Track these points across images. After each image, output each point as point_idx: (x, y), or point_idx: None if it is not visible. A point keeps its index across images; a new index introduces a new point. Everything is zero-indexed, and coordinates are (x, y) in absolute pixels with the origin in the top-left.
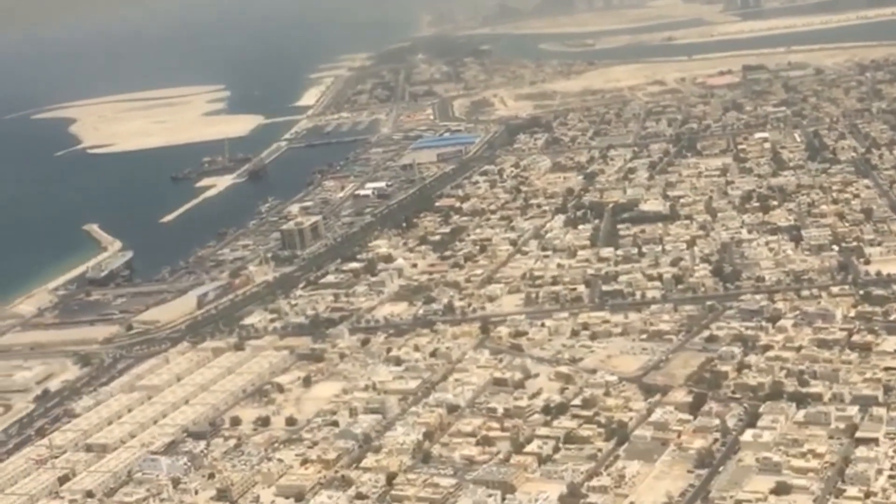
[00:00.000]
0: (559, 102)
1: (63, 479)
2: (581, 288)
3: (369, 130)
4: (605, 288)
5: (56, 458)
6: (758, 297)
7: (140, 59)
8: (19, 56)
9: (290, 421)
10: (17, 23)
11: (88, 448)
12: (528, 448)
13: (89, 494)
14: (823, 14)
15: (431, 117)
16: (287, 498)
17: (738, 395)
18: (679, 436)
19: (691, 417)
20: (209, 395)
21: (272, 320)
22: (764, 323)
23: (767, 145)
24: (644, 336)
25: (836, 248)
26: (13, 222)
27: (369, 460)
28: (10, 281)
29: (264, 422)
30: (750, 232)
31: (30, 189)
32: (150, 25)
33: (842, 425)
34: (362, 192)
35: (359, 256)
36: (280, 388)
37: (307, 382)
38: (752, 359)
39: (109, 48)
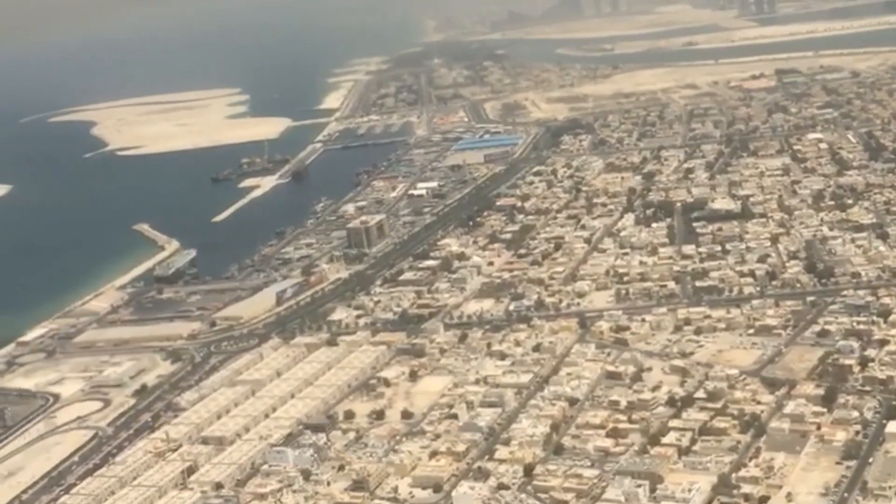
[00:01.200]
0: (594, 105)
1: (189, 471)
2: (671, 284)
3: (403, 133)
4: (698, 284)
5: (174, 450)
6: (860, 292)
7: (154, 64)
8: (32, 61)
9: (406, 414)
10: (30, 30)
11: (205, 441)
12: (665, 440)
13: (218, 486)
14: (839, 20)
15: (466, 119)
16: (424, 489)
17: (868, 389)
18: (819, 428)
19: (825, 410)
20: (315, 389)
21: (358, 316)
22: (875, 318)
23: (824, 146)
24: (751, 331)
25: None
26: (62, 222)
27: (502, 452)
28: (73, 279)
29: (379, 415)
30: (831, 229)
31: (68, 190)
32: (162, 32)
33: None
34: (416, 192)
35: (432, 254)
36: (386, 383)
37: (413, 377)
38: (871, 353)
39: (123, 54)
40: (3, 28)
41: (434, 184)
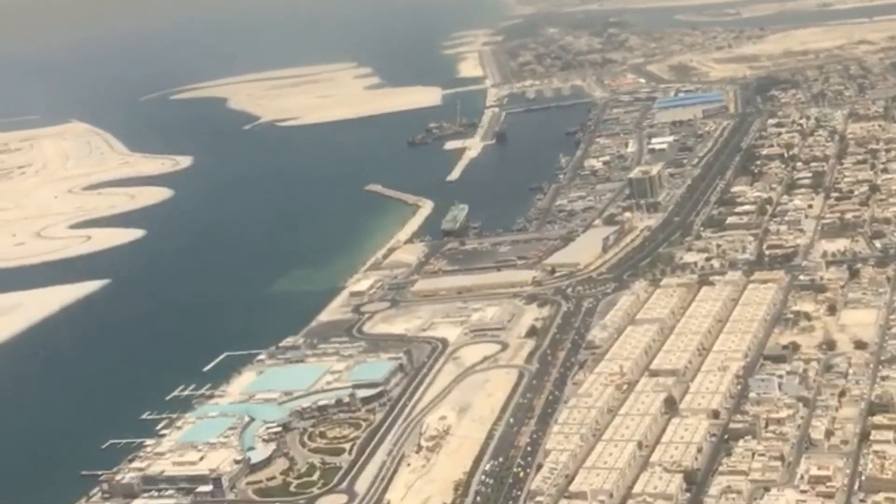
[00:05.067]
0: (773, 64)
1: (669, 401)
2: None
3: (577, 96)
4: None
5: (627, 383)
6: None
7: (263, 42)
8: (140, 42)
9: (860, 344)
10: (140, 10)
11: (654, 373)
12: None
13: (716, 413)
14: None
15: (642, 81)
16: None
17: None
18: None
19: None
20: (735, 325)
21: (707, 259)
22: None
23: None
24: None
25: None
26: (287, 187)
27: None
28: (347, 235)
29: (829, 345)
30: None
31: (256, 159)
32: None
33: None
34: (657, 147)
35: (738, 200)
36: (807, 317)
37: (832, 310)
38: None
39: (231, 33)
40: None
41: (669, 138)
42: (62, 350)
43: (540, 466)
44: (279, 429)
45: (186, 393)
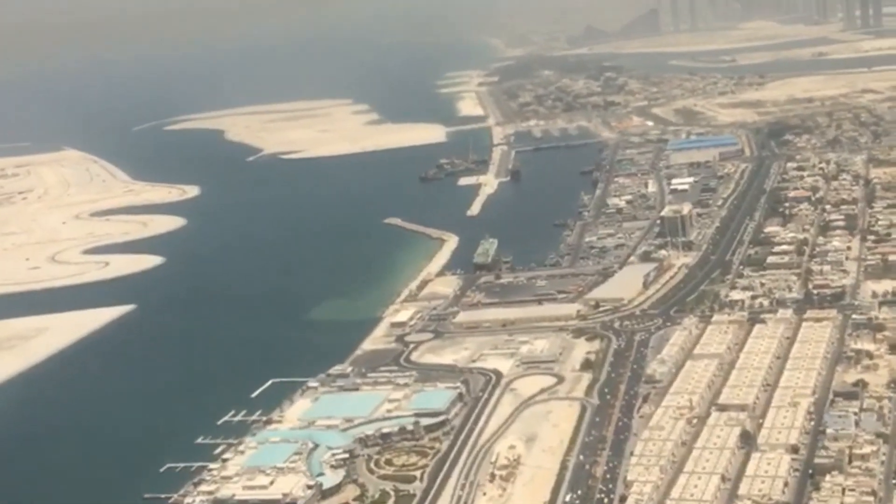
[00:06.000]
0: (779, 110)
1: (745, 435)
2: None
3: (584, 135)
4: None
5: (697, 416)
6: None
7: (249, 76)
8: (131, 74)
9: None
10: (127, 44)
11: (722, 408)
12: None
13: (794, 448)
14: None
15: (649, 123)
16: None
17: None
18: None
19: None
20: (797, 361)
21: (753, 297)
22: None
23: None
24: None
25: None
26: (301, 220)
27: None
28: (376, 268)
29: None
30: None
31: (266, 191)
32: (253, 48)
33: None
34: (679, 187)
35: (774, 240)
36: (869, 355)
37: (893, 349)
38: None
39: (219, 66)
40: (102, 42)
41: (689, 179)
42: (100, 374)
43: (623, 498)
44: (346, 455)
45: (238, 418)
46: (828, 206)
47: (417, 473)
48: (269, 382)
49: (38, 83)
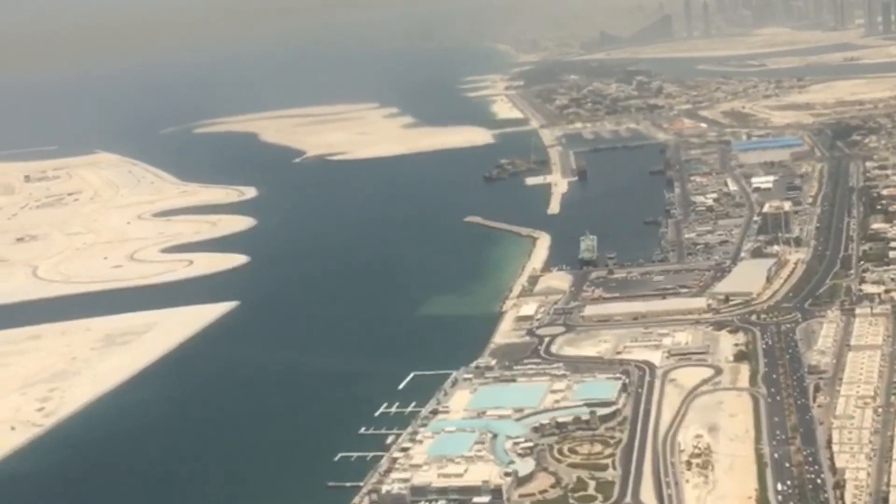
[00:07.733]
0: (832, 112)
1: None
2: None
3: (637, 137)
4: None
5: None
6: None
7: (274, 81)
8: (153, 79)
9: None
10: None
11: None
12: None
13: None
14: None
15: (702, 125)
16: None
17: None
18: None
19: None
20: None
21: (887, 290)
22: None
23: None
24: None
25: None
26: (386, 218)
27: None
28: (476, 264)
29: None
30: None
31: (325, 191)
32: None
33: None
34: (761, 186)
35: (888, 236)
36: None
37: None
38: None
39: (240, 70)
40: (133, 45)
41: (769, 178)
42: (233, 366)
43: (838, 484)
44: (530, 444)
45: (394, 410)
46: None
47: (608, 462)
48: (412, 375)
49: (59, 88)
